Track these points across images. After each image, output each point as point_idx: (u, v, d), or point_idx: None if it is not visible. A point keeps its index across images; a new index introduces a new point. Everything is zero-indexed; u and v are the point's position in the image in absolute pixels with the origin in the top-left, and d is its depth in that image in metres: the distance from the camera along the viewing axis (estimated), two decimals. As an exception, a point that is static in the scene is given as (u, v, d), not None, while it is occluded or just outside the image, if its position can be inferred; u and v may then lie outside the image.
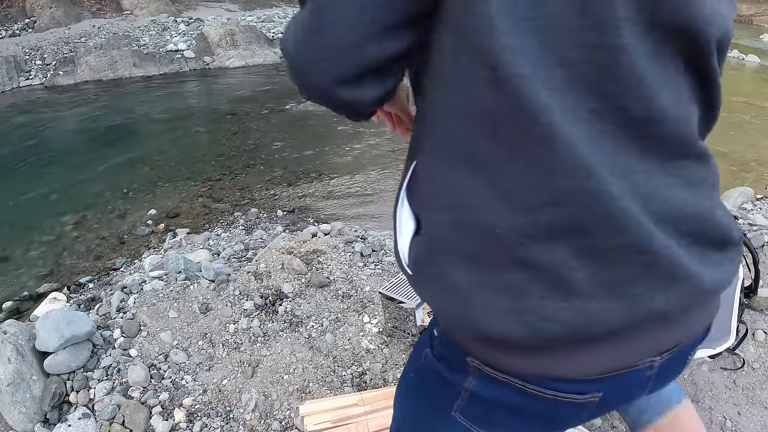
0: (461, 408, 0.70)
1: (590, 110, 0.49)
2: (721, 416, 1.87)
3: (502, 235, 0.52)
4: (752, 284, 2.15)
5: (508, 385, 0.62)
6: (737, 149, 6.50)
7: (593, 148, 0.49)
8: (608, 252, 0.51)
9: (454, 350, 0.65)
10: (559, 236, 0.51)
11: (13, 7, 10.42)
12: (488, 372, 0.63)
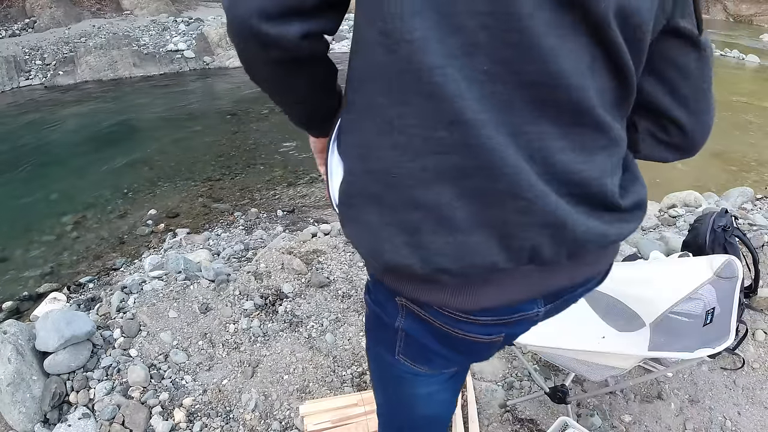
0: (402, 349, 0.78)
1: (484, 72, 0.53)
2: (721, 416, 1.87)
3: (397, 180, 0.58)
4: (752, 284, 2.15)
5: (429, 323, 0.70)
6: (737, 149, 6.50)
7: (483, 105, 0.54)
8: (487, 195, 0.57)
9: (385, 292, 0.73)
10: (445, 180, 0.57)
11: (13, 7, 10.42)
12: (413, 309, 0.71)
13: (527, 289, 0.67)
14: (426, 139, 0.56)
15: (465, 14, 0.51)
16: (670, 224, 3.19)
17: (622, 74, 0.59)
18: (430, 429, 0.97)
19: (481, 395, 1.90)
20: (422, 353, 0.78)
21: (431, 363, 0.79)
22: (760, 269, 2.16)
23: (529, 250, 0.60)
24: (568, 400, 1.68)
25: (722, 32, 18.88)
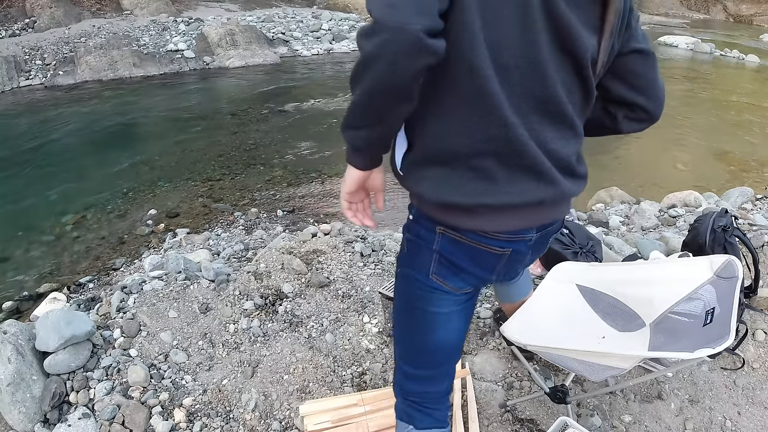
0: (435, 269, 1.09)
1: (517, 95, 0.90)
2: (721, 416, 1.87)
3: (459, 154, 0.94)
4: (752, 284, 2.15)
5: (460, 241, 1.03)
6: (737, 149, 6.50)
7: (515, 114, 0.90)
8: (516, 166, 0.94)
9: (427, 225, 1.06)
10: (490, 156, 0.93)
11: (13, 7, 10.42)
12: (449, 234, 1.03)
13: (530, 220, 1.05)
14: (483, 133, 0.92)
15: (510, 59, 0.87)
16: (670, 224, 3.19)
17: (588, 93, 0.99)
18: (443, 355, 1.22)
19: (481, 395, 1.90)
20: (451, 270, 1.08)
21: (455, 279, 1.10)
22: (760, 269, 2.16)
23: (538, 198, 0.98)
24: (569, 400, 1.68)
25: (722, 32, 18.87)
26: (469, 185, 0.95)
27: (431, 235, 1.05)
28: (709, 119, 7.94)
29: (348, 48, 11.77)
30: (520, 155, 0.93)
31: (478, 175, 0.95)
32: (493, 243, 1.04)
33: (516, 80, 0.89)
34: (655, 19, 21.13)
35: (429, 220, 1.04)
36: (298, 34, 11.74)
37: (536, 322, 1.61)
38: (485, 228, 1.01)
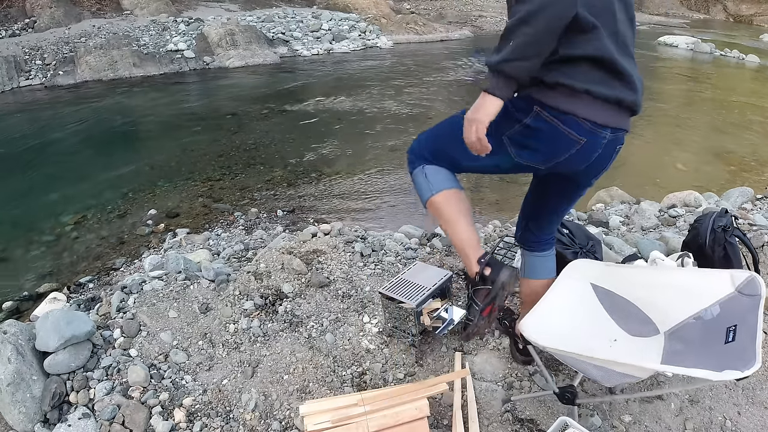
0: (511, 133, 1.40)
1: (608, 33, 1.30)
2: (721, 416, 1.87)
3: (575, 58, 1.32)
4: (752, 284, 2.14)
5: (548, 121, 1.34)
6: (737, 149, 6.50)
7: (617, 50, 1.31)
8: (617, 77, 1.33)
9: (527, 102, 1.35)
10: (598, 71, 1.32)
11: (13, 7, 10.42)
12: (542, 114, 1.34)
13: (612, 119, 1.35)
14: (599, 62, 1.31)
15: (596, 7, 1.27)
16: (670, 224, 3.19)
17: (634, 32, 1.41)
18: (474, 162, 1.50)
19: (481, 395, 1.90)
20: (522, 142, 1.40)
21: (521, 149, 1.43)
22: (760, 269, 2.16)
23: (626, 101, 1.36)
24: (577, 401, 1.67)
25: (722, 32, 18.86)
26: (578, 77, 1.29)
27: (528, 110, 1.34)
28: (710, 119, 7.94)
29: (348, 48, 11.78)
30: (615, 67, 1.30)
31: (583, 78, 1.30)
32: (574, 127, 1.32)
33: (601, 21, 1.27)
34: (655, 19, 21.12)
35: (529, 100, 1.34)
36: (298, 34, 11.74)
37: (552, 322, 1.59)
38: (576, 111, 1.30)
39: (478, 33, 15.23)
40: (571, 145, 1.36)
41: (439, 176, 1.61)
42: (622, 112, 1.38)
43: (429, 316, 2.02)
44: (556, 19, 1.20)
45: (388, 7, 14.73)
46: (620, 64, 1.31)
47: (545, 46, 1.24)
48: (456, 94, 8.74)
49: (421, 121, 7.12)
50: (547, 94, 1.32)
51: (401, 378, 2.01)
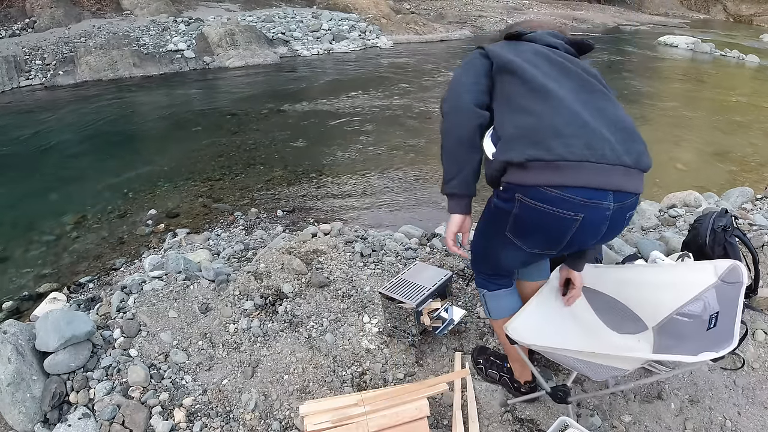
0: (510, 228, 1.38)
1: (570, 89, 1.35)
2: (721, 416, 1.87)
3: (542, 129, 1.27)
4: (752, 284, 2.15)
5: (534, 208, 1.27)
6: (737, 149, 6.50)
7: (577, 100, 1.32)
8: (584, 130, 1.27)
9: (508, 192, 1.32)
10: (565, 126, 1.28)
11: (13, 7, 10.42)
12: (525, 201, 1.28)
13: (603, 179, 1.24)
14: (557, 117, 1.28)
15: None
16: (670, 224, 3.19)
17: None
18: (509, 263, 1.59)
19: (481, 395, 1.90)
20: (522, 232, 1.37)
21: (525, 240, 1.39)
22: (760, 269, 2.16)
23: (601, 152, 1.24)
24: (570, 400, 1.68)
25: (722, 32, 18.86)
26: (545, 143, 1.24)
27: (511, 199, 1.32)
28: (710, 119, 7.94)
29: (348, 48, 11.78)
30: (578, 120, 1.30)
31: (553, 137, 1.24)
32: (561, 205, 1.24)
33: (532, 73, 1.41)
34: (655, 19, 21.12)
35: (509, 189, 1.31)
36: (298, 34, 11.74)
37: (539, 322, 1.61)
38: (554, 182, 1.23)
39: (478, 33, 15.23)
40: (570, 223, 1.28)
41: (493, 303, 1.69)
42: (615, 171, 1.25)
43: (429, 316, 2.02)
44: (459, 135, 1.37)
45: (388, 7, 14.73)
46: (582, 117, 1.27)
47: (465, 157, 1.38)
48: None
49: (421, 121, 7.12)
50: (522, 175, 1.27)
51: (401, 378, 2.01)
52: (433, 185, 5.12)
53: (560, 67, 1.39)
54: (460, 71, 1.45)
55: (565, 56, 1.44)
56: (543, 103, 1.29)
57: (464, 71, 1.45)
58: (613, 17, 20.13)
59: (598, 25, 18.07)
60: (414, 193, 4.93)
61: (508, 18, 17.09)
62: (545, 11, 18.86)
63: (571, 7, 20.73)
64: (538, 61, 1.39)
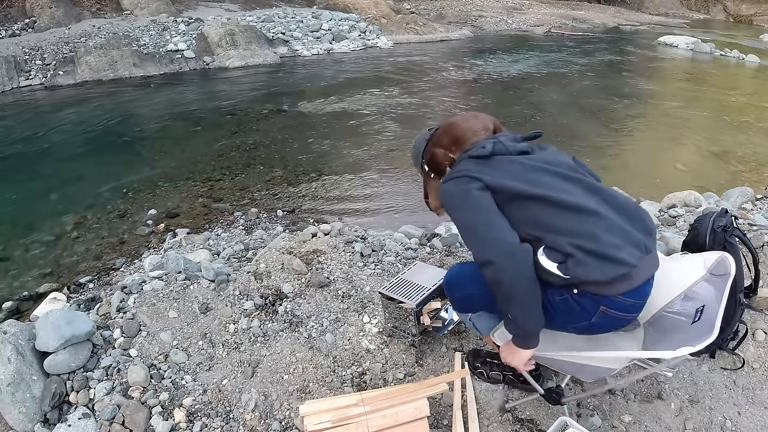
0: (576, 327, 1.48)
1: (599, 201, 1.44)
2: (721, 416, 1.87)
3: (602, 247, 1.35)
4: (752, 284, 2.14)
5: (613, 316, 1.40)
6: (737, 149, 6.50)
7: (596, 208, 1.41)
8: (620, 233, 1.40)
9: (587, 299, 1.39)
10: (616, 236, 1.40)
11: (13, 7, 10.42)
12: (609, 312, 1.39)
13: (647, 272, 1.38)
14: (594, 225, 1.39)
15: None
16: (670, 224, 3.19)
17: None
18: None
19: (481, 395, 1.90)
20: (588, 329, 1.49)
21: (583, 332, 1.51)
22: (760, 269, 2.16)
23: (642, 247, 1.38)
24: (564, 401, 1.69)
25: (722, 32, 18.86)
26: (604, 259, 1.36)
27: (595, 311, 1.40)
28: (709, 119, 7.94)
29: (348, 48, 11.78)
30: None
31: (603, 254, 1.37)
32: (628, 309, 1.41)
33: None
34: (655, 19, 21.12)
35: (594, 299, 1.38)
36: (298, 34, 11.74)
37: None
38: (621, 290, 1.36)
39: (478, 33, 15.24)
40: (626, 323, 1.49)
41: (481, 322, 1.72)
42: (651, 259, 1.41)
43: (429, 316, 2.02)
44: (526, 277, 1.34)
45: (388, 7, 14.73)
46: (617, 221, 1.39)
47: (535, 295, 1.37)
48: (456, 94, 8.74)
49: (422, 121, 7.12)
50: (602, 288, 1.36)
51: (401, 378, 2.01)
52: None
53: (560, 176, 1.43)
54: (479, 215, 1.38)
55: (546, 160, 1.48)
56: (581, 220, 1.36)
57: (485, 213, 1.38)
58: (613, 17, 20.13)
59: (598, 25, 18.07)
60: (414, 193, 4.94)
61: (508, 18, 17.10)
62: (545, 11, 18.86)
63: (571, 7, 20.73)
64: (541, 178, 1.41)
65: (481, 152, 1.47)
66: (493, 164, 1.46)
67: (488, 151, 1.47)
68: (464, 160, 1.51)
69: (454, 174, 1.47)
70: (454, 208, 1.44)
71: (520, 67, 10.93)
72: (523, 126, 7.13)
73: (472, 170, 1.44)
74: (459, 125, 1.61)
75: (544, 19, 17.54)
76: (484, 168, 1.44)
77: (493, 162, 1.46)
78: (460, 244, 2.95)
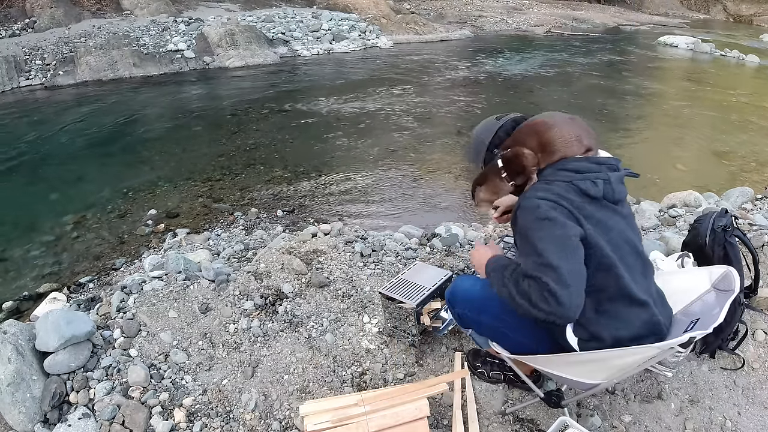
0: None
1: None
2: (721, 416, 1.87)
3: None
4: (752, 284, 2.14)
5: None
6: (737, 149, 6.50)
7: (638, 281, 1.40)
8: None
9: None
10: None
11: (13, 7, 10.42)
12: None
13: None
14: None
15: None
16: (670, 224, 3.19)
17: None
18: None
19: (481, 395, 1.90)
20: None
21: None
22: (760, 269, 2.16)
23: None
24: (563, 404, 1.68)
25: (722, 32, 18.86)
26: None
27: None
28: (709, 119, 7.94)
29: (348, 48, 11.77)
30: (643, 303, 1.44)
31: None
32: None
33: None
34: (655, 19, 21.12)
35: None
36: (298, 34, 11.74)
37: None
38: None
39: (478, 33, 15.23)
40: None
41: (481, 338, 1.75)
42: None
43: (429, 316, 2.02)
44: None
45: (388, 7, 14.73)
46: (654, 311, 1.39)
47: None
48: (456, 93, 8.74)
49: (421, 121, 7.11)
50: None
51: (401, 378, 2.01)
52: (432, 185, 5.12)
53: (635, 252, 1.39)
54: (566, 261, 1.23)
55: (632, 225, 1.43)
56: (629, 312, 1.35)
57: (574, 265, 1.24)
58: (613, 17, 20.13)
59: (598, 25, 18.07)
60: (414, 194, 4.94)
61: (508, 18, 17.10)
62: (545, 11, 18.85)
63: (571, 7, 20.73)
64: (626, 255, 1.35)
65: (593, 192, 1.32)
66: (598, 210, 1.33)
67: (599, 194, 1.33)
68: (563, 183, 1.33)
69: (551, 196, 1.30)
70: (536, 230, 1.27)
71: (520, 67, 10.93)
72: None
73: (575, 206, 1.30)
74: (550, 129, 1.41)
75: (544, 19, 17.54)
76: (587, 210, 1.31)
77: (598, 207, 1.33)
78: (460, 244, 2.95)
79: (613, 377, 1.40)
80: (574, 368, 1.44)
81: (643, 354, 1.29)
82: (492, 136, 1.53)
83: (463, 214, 4.50)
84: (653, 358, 1.31)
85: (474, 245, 1.53)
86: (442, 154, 5.98)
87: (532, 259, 1.25)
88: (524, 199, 1.34)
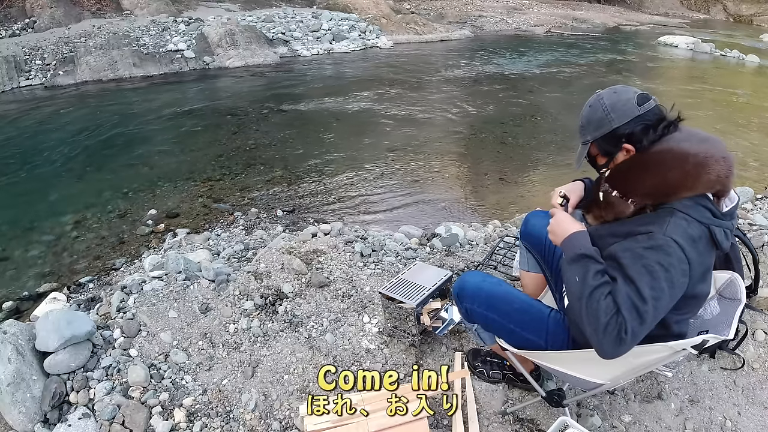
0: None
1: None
2: (721, 416, 1.87)
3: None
4: (752, 284, 2.14)
5: None
6: (737, 149, 6.50)
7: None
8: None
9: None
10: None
11: (13, 7, 10.42)
12: None
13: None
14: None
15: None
16: (670, 224, 3.18)
17: None
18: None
19: (481, 395, 1.90)
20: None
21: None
22: (760, 269, 2.16)
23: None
24: (565, 403, 1.68)
25: (722, 32, 18.86)
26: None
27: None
28: (709, 119, 7.94)
29: (348, 48, 11.77)
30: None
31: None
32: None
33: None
34: (655, 19, 21.12)
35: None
36: (298, 34, 11.73)
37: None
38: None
39: (478, 33, 15.23)
40: None
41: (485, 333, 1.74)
42: None
43: (429, 316, 2.02)
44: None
45: (388, 7, 14.73)
46: None
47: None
48: (456, 93, 8.73)
49: (421, 121, 7.11)
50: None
51: (401, 378, 2.01)
52: (432, 185, 5.12)
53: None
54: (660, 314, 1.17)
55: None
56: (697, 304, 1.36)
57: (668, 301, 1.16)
58: (613, 17, 20.13)
59: (598, 25, 18.07)
60: (414, 194, 4.93)
61: (508, 18, 17.10)
62: (545, 11, 18.85)
63: (571, 7, 20.72)
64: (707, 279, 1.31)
65: (722, 244, 1.23)
66: (711, 258, 1.26)
67: (726, 249, 1.25)
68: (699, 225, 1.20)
69: (686, 244, 1.16)
70: (652, 273, 1.14)
71: (520, 67, 10.93)
72: (522, 126, 7.13)
73: (699, 262, 1.20)
74: (708, 167, 1.20)
75: (544, 19, 17.53)
76: (707, 262, 1.25)
77: (712, 256, 1.27)
78: (460, 244, 2.95)
79: (620, 378, 1.40)
80: (584, 366, 1.43)
81: (658, 354, 1.27)
82: (626, 121, 1.32)
83: (463, 214, 4.50)
84: (667, 357, 1.29)
85: (552, 212, 1.38)
86: (442, 154, 5.98)
87: (632, 298, 1.12)
88: (658, 228, 1.18)
